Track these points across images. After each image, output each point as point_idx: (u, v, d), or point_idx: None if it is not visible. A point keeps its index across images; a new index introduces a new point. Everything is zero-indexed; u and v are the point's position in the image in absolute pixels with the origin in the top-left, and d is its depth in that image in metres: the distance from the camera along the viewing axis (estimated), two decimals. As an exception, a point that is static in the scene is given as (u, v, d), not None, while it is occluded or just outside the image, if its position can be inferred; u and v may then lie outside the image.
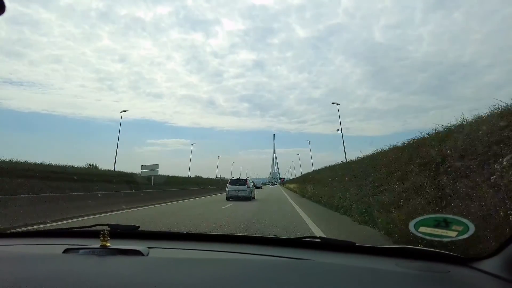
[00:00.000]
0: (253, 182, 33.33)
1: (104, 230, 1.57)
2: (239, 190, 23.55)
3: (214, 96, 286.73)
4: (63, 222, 9.88)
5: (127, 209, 14.73)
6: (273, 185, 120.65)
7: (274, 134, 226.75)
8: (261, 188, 69.46)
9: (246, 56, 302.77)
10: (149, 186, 29.58)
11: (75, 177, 20.29)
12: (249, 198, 23.24)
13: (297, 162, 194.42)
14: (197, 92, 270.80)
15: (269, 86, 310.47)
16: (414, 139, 10.73)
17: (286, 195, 31.72)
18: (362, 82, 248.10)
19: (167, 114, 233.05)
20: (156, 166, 32.36)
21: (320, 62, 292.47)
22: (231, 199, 23.00)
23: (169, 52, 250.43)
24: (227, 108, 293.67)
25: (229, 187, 24.02)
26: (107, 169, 33.39)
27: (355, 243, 1.69)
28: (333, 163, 38.60)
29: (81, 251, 1.53)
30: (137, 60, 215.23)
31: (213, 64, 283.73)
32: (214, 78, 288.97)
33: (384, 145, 18.86)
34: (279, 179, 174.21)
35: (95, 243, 1.56)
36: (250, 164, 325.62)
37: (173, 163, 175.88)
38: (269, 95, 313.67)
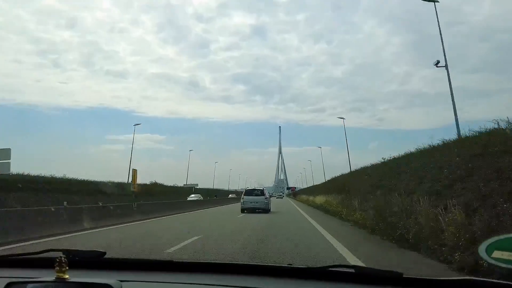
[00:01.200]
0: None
1: (61, 257, 1.24)
2: (256, 201, 22.35)
3: (198, 75, 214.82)
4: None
5: None
6: (279, 196, 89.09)
7: (280, 127, 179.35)
8: None
9: (241, 19, 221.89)
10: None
11: None
12: (266, 210, 22.22)
13: (317, 162, 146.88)
14: (174, 69, 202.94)
15: (274, 61, 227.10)
16: None
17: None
18: (400, 56, 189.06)
19: (134, 100, 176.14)
20: (6, 152, 16.76)
21: (344, 28, 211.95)
22: (245, 211, 21.85)
23: (135, 14, 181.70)
24: (215, 92, 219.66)
25: (244, 198, 22.78)
26: None
27: (402, 274, 1.40)
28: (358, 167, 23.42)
29: (29, 285, 1.22)
30: (91, 26, 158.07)
31: (196, 31, 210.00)
32: (198, 51, 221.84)
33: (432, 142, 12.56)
34: (287, 188, 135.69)
35: (49, 275, 1.26)
36: (247, 168, 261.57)
37: (142, 167, 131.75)
38: (273, 73, 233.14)
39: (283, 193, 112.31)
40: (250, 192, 23.30)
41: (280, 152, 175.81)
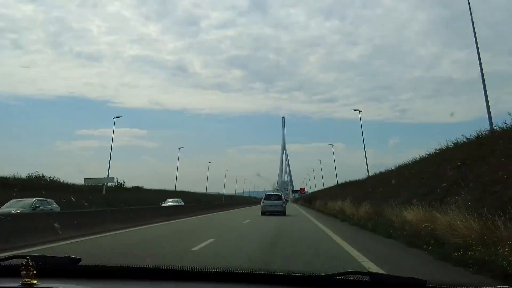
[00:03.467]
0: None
1: (28, 260, 1.15)
2: (275, 205, 26.20)
3: (186, 58, 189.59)
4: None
5: None
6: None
7: (283, 118, 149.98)
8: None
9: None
10: None
11: None
12: (284, 212, 26.03)
13: (328, 162, 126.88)
14: (157, 51, 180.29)
15: (276, 41, 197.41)
16: None
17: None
18: (428, 35, 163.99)
19: (109, 88, 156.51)
20: None
21: (360, 2, 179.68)
22: (267, 213, 25.12)
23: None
24: (207, 78, 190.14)
25: (264, 202, 26.67)
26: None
27: (426, 282, 1.23)
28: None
29: None
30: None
31: (184, 5, 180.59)
32: (186, 29, 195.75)
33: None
34: (294, 191, 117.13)
35: (13, 282, 1.17)
36: (245, 168, 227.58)
37: (119, 167, 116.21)
38: (275, 56, 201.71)
39: (287, 198, 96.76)
40: (269, 197, 27.41)
41: (284, 149, 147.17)
